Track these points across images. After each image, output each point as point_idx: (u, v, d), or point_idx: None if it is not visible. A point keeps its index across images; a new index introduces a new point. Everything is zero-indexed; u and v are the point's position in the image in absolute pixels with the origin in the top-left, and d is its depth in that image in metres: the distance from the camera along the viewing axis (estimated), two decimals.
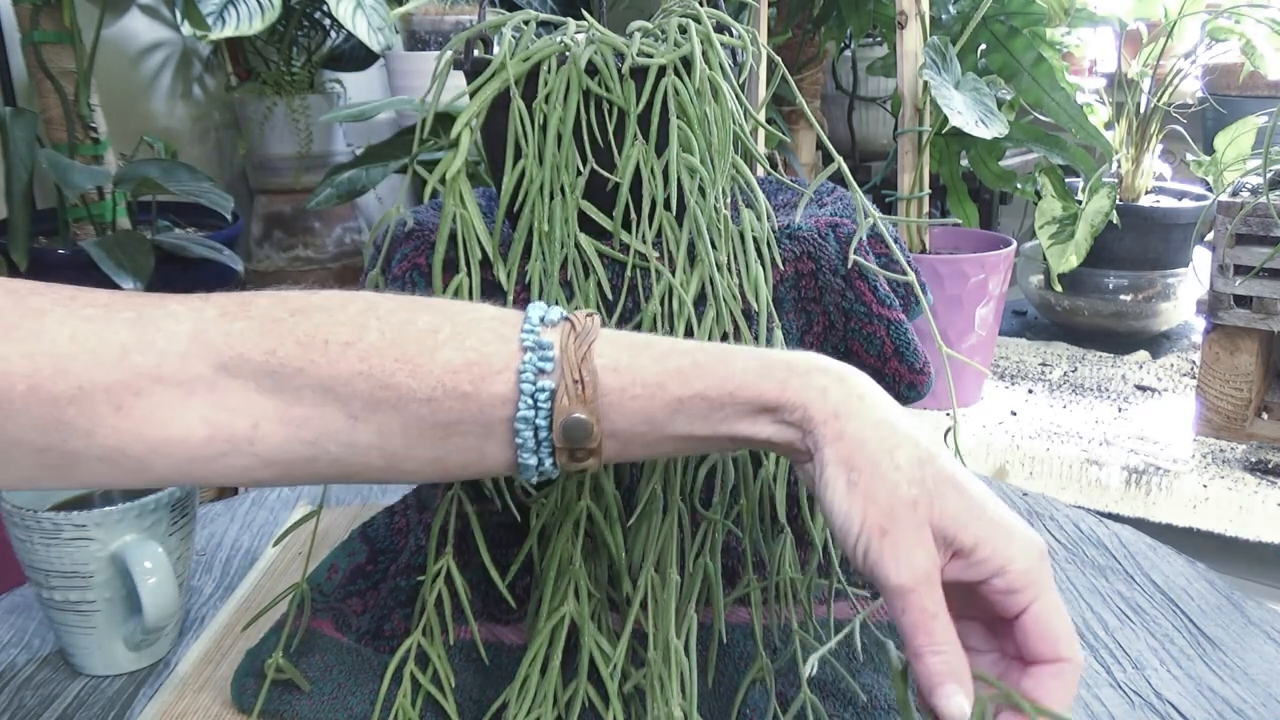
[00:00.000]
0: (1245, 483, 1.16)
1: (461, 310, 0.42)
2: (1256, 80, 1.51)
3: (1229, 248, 1.19)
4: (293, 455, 0.41)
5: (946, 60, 1.22)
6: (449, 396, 0.40)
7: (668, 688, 0.50)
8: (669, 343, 0.42)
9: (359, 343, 0.40)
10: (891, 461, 0.39)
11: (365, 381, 0.40)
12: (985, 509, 0.39)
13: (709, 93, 0.53)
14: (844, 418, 0.39)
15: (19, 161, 1.33)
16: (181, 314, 0.40)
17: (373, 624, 0.59)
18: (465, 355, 0.40)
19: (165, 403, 0.39)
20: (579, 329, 0.41)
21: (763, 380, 0.40)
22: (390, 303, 0.41)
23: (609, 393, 0.40)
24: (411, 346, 0.40)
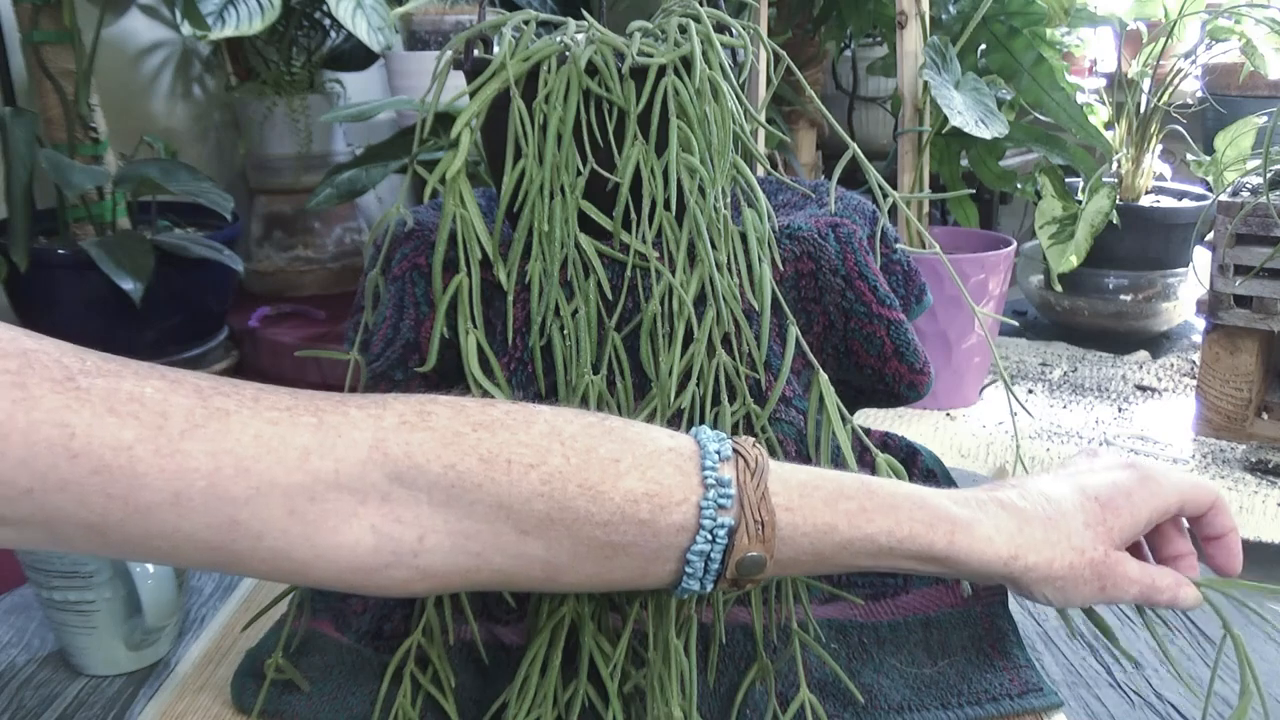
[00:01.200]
0: (1245, 483, 1.16)
1: (640, 439, 0.43)
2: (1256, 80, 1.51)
3: (1229, 248, 1.19)
4: (455, 566, 0.42)
5: (946, 60, 1.22)
6: (626, 522, 0.41)
7: (668, 688, 0.50)
8: (835, 483, 0.45)
9: (542, 466, 0.41)
10: (1070, 546, 0.47)
11: (544, 503, 0.41)
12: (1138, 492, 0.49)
13: (709, 93, 0.53)
14: (1021, 555, 0.46)
15: (19, 161, 1.33)
16: (362, 421, 0.40)
17: (373, 624, 0.59)
18: (647, 486, 0.42)
19: (338, 510, 0.40)
20: (752, 466, 0.43)
21: (931, 532, 0.44)
22: (573, 427, 0.43)
23: (782, 529, 0.43)
24: (594, 474, 0.41)
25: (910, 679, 0.57)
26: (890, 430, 0.67)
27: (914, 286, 0.64)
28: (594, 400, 0.53)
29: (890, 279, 0.63)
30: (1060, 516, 0.47)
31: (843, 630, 0.59)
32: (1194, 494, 0.50)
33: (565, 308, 0.53)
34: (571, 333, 0.53)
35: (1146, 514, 0.48)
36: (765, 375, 0.56)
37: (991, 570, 0.45)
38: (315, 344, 1.64)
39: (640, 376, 0.54)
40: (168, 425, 0.37)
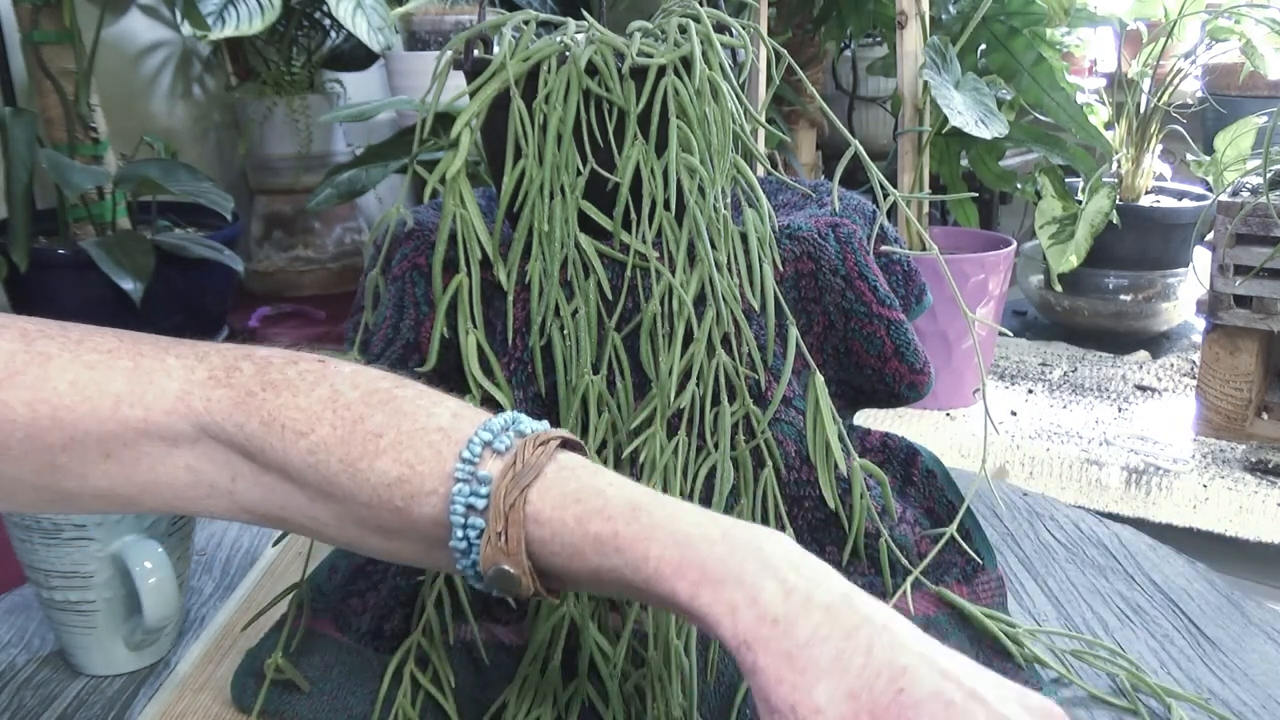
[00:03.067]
0: (1245, 483, 1.16)
1: (415, 413, 0.40)
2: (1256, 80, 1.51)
3: (1229, 248, 1.19)
4: (267, 513, 0.43)
5: (946, 60, 1.22)
6: (383, 508, 0.40)
7: (668, 688, 0.50)
8: (600, 500, 0.38)
9: (311, 434, 0.40)
10: (811, 704, 0.33)
11: (314, 474, 0.40)
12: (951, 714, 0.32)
13: (709, 93, 0.53)
14: (755, 648, 0.35)
15: (19, 161, 1.33)
16: (175, 370, 0.42)
17: (373, 624, 0.59)
18: (399, 469, 0.39)
19: (151, 453, 0.41)
20: (520, 467, 0.38)
21: (675, 578, 0.36)
22: (354, 392, 0.41)
23: (534, 544, 0.38)
24: (355, 449, 0.40)
25: None
26: (890, 430, 0.67)
27: (914, 286, 0.64)
28: (594, 400, 0.53)
29: (890, 279, 0.63)
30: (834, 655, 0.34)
31: None
32: None
33: (565, 308, 0.53)
34: (571, 333, 0.53)
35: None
36: (765, 375, 0.56)
37: (725, 645, 0.36)
38: (315, 344, 1.64)
39: (640, 376, 0.54)
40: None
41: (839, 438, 0.57)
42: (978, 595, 0.62)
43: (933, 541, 0.62)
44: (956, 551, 0.62)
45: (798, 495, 0.59)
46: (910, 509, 0.63)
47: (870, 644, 0.34)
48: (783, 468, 0.57)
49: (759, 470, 0.56)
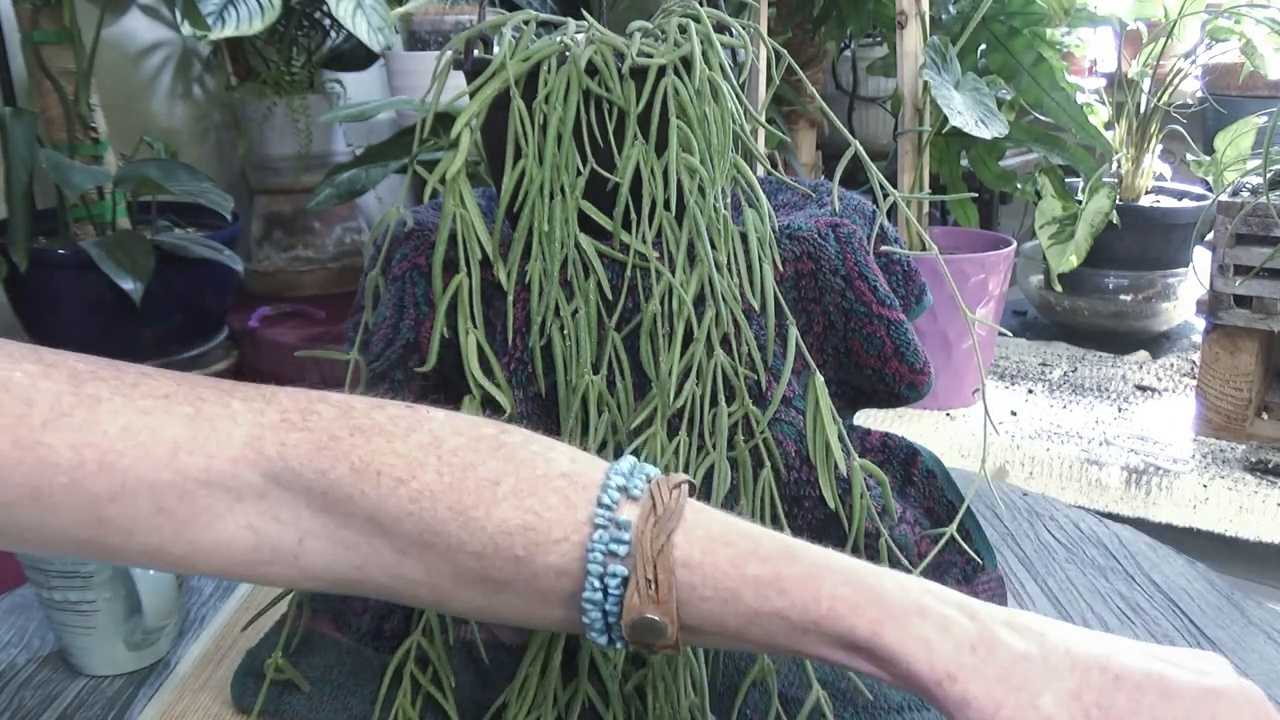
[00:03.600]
0: (1245, 483, 1.16)
1: (533, 460, 0.38)
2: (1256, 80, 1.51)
3: (1229, 248, 1.19)
4: (338, 575, 0.39)
5: (946, 60, 1.22)
6: (500, 556, 0.37)
7: (673, 689, 0.50)
8: (751, 542, 0.37)
9: (412, 481, 0.37)
10: (1032, 705, 0.33)
11: (414, 523, 0.37)
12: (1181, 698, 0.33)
13: (709, 93, 0.53)
14: (962, 680, 0.34)
15: (19, 161, 1.33)
16: (241, 415, 0.38)
17: (373, 624, 0.59)
18: (523, 517, 0.37)
19: (210, 507, 0.38)
20: (661, 511, 0.37)
21: (853, 616, 0.35)
22: (458, 438, 0.38)
23: (683, 590, 0.36)
24: (469, 496, 0.37)
25: None
26: (890, 430, 0.67)
27: (914, 286, 0.64)
28: (594, 400, 0.53)
29: (890, 279, 0.63)
30: (1042, 664, 0.34)
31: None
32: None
33: (565, 308, 0.53)
34: (571, 333, 0.53)
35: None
36: (765, 375, 0.56)
37: (919, 683, 0.35)
38: (315, 344, 1.64)
39: (640, 376, 0.54)
40: (30, 414, 0.35)
41: (839, 438, 0.57)
42: (978, 595, 0.62)
43: (933, 541, 0.62)
44: (956, 551, 0.62)
45: (798, 495, 0.59)
46: (910, 509, 0.63)
47: (1065, 645, 0.34)
48: (782, 468, 0.57)
49: (759, 470, 0.56)
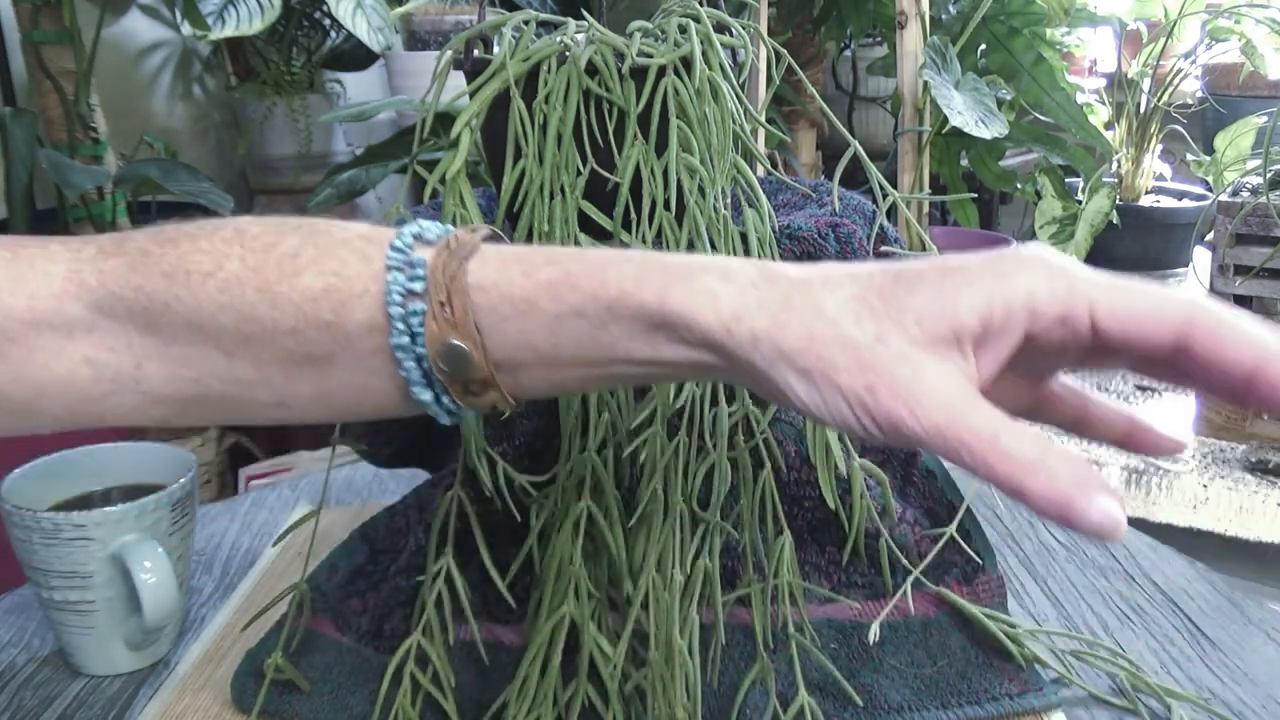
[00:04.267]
0: (1245, 483, 1.16)
1: (330, 229, 0.38)
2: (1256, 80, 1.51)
3: (1229, 248, 1.19)
4: (180, 393, 0.39)
5: (946, 60, 1.22)
6: (312, 327, 0.37)
7: (670, 689, 0.50)
8: (546, 252, 0.36)
9: (219, 272, 0.37)
10: (824, 320, 0.32)
11: (229, 315, 0.37)
12: (966, 270, 0.32)
13: (709, 93, 0.53)
14: (746, 318, 0.33)
15: (19, 161, 1.33)
16: (59, 254, 0.39)
17: (373, 624, 0.59)
18: (325, 280, 0.36)
19: (42, 346, 0.38)
20: (455, 246, 0.36)
21: (640, 290, 0.34)
22: (260, 227, 0.38)
23: (483, 314, 0.36)
24: (272, 274, 0.37)
25: (910, 679, 0.57)
26: None
27: None
28: (594, 400, 0.53)
29: None
30: (823, 281, 0.33)
31: (843, 630, 0.59)
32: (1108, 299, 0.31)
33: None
34: None
35: (973, 300, 0.31)
36: None
37: (715, 339, 0.33)
38: None
39: None
40: None
41: (839, 438, 0.57)
42: (978, 595, 0.62)
43: (933, 541, 0.62)
44: (956, 551, 0.62)
45: (798, 495, 0.59)
46: (910, 509, 0.63)
47: (861, 265, 0.34)
48: (783, 467, 0.57)
49: (759, 470, 0.56)
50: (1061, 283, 0.31)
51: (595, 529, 0.53)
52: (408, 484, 0.82)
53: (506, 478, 0.54)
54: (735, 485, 0.55)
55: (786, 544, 0.56)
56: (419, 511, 0.62)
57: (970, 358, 0.32)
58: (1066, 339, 0.32)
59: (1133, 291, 0.32)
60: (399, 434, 0.60)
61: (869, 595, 0.61)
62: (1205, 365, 0.31)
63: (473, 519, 0.54)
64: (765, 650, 0.55)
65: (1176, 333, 0.31)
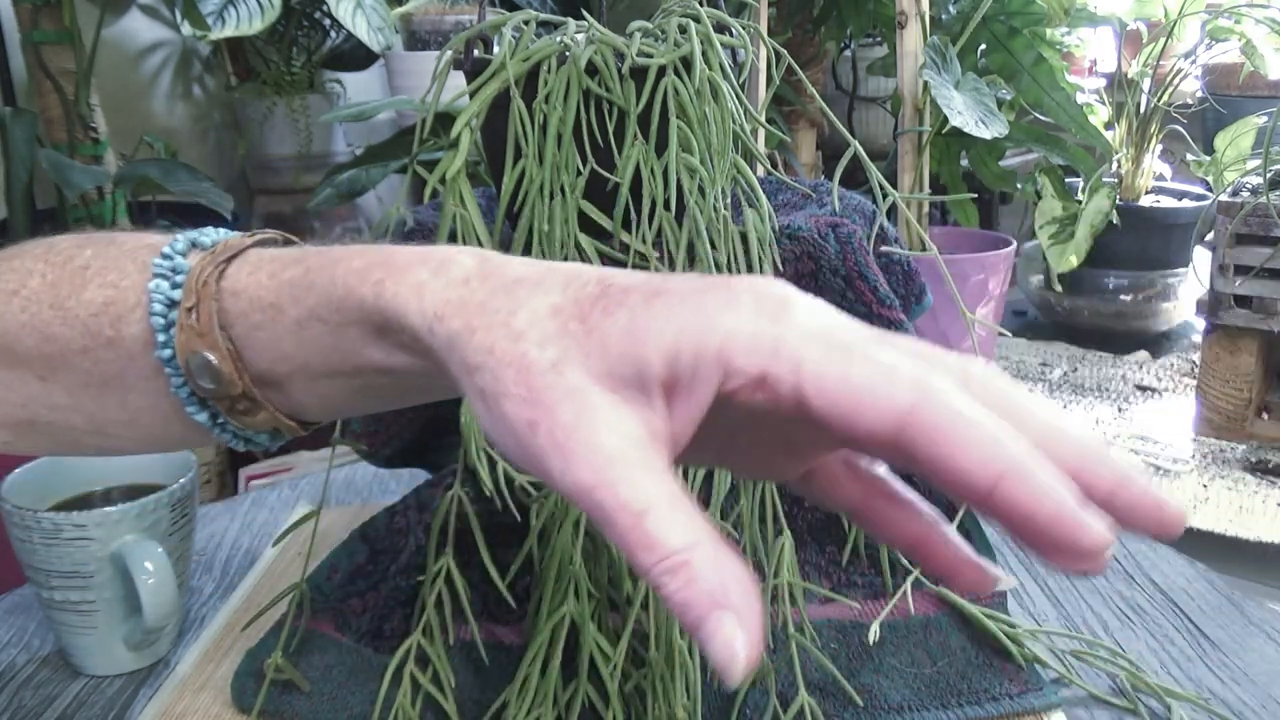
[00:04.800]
0: (1245, 483, 1.16)
1: (126, 240, 0.35)
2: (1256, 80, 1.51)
3: (1229, 248, 1.19)
4: (12, 418, 0.37)
5: (946, 60, 1.22)
6: (98, 345, 0.34)
7: (670, 689, 0.50)
8: (295, 254, 0.33)
9: (23, 290, 0.35)
10: (509, 332, 0.27)
11: (31, 335, 0.34)
12: (671, 296, 0.26)
13: (709, 93, 0.53)
14: (447, 317, 0.28)
15: (19, 161, 1.33)
16: None
17: (373, 624, 0.59)
18: (105, 293, 0.34)
19: None
20: (220, 250, 0.33)
21: (362, 285, 0.30)
22: (69, 240, 0.36)
23: (235, 322, 0.32)
24: (65, 288, 0.34)
25: (910, 679, 0.57)
26: None
27: (914, 286, 0.64)
28: None
29: (890, 279, 0.63)
30: (535, 283, 0.28)
31: (843, 630, 0.59)
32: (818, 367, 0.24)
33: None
34: None
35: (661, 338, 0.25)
36: None
37: (419, 335, 0.29)
38: None
39: None
40: None
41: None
42: (978, 595, 0.62)
43: None
44: None
45: (798, 495, 0.59)
46: None
47: (581, 270, 0.28)
48: None
49: None
50: (768, 335, 0.25)
51: (595, 529, 0.53)
52: (408, 484, 0.82)
53: (506, 478, 0.54)
54: (735, 485, 0.55)
55: (786, 544, 0.56)
56: (419, 511, 0.62)
57: (658, 406, 0.26)
58: (768, 407, 0.25)
59: (853, 361, 0.24)
60: (399, 434, 0.60)
61: (869, 595, 0.61)
62: (929, 471, 0.24)
63: (473, 519, 0.54)
64: (765, 650, 0.55)
65: (895, 425, 0.24)
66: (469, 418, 0.54)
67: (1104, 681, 0.60)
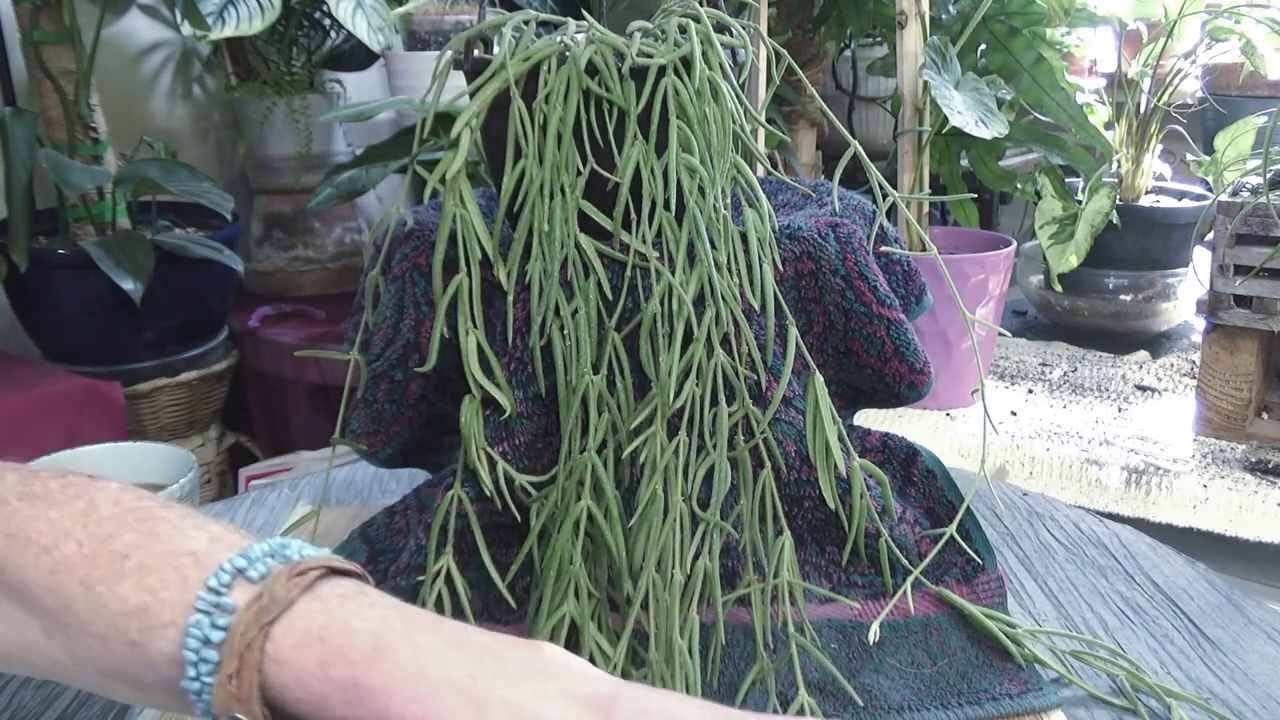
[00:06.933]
0: (1245, 483, 1.16)
1: (171, 534, 0.36)
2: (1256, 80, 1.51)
3: (1229, 248, 1.19)
4: (10, 654, 0.37)
5: (946, 60, 1.22)
6: (119, 641, 0.34)
7: (670, 689, 0.50)
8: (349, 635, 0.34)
9: (55, 550, 0.35)
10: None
11: (52, 597, 0.35)
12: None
13: (709, 93, 0.53)
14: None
15: (19, 161, 1.33)
16: None
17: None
18: (140, 596, 0.34)
19: None
20: (267, 600, 0.34)
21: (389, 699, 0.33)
22: (114, 508, 0.37)
23: (273, 689, 0.33)
24: (99, 570, 0.35)
25: (910, 679, 0.57)
26: (890, 430, 0.67)
27: (914, 286, 0.64)
28: (594, 400, 0.53)
29: (890, 279, 0.63)
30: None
31: (843, 630, 0.59)
32: None
33: (565, 308, 0.53)
34: (571, 333, 0.53)
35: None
36: (765, 375, 0.56)
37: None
38: (315, 344, 1.64)
39: (640, 376, 0.54)
40: None
41: (839, 438, 0.57)
42: (978, 595, 0.62)
43: (933, 541, 0.62)
44: (956, 551, 0.62)
45: (798, 495, 0.59)
46: (910, 509, 0.63)
47: None
48: (783, 468, 0.57)
49: (759, 470, 0.56)
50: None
51: (595, 529, 0.53)
52: (408, 484, 0.82)
53: (506, 478, 0.54)
54: (735, 485, 0.55)
55: (786, 544, 0.56)
56: (419, 511, 0.62)
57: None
58: None
59: None
60: (399, 434, 0.60)
61: (869, 595, 0.61)
62: None
63: (473, 519, 0.54)
64: (765, 650, 0.55)
65: None
66: (469, 418, 0.54)
67: (1104, 681, 0.60)
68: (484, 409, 0.54)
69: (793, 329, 0.56)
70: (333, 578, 0.36)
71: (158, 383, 1.51)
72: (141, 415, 1.51)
